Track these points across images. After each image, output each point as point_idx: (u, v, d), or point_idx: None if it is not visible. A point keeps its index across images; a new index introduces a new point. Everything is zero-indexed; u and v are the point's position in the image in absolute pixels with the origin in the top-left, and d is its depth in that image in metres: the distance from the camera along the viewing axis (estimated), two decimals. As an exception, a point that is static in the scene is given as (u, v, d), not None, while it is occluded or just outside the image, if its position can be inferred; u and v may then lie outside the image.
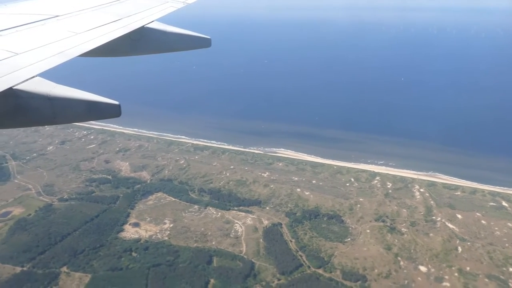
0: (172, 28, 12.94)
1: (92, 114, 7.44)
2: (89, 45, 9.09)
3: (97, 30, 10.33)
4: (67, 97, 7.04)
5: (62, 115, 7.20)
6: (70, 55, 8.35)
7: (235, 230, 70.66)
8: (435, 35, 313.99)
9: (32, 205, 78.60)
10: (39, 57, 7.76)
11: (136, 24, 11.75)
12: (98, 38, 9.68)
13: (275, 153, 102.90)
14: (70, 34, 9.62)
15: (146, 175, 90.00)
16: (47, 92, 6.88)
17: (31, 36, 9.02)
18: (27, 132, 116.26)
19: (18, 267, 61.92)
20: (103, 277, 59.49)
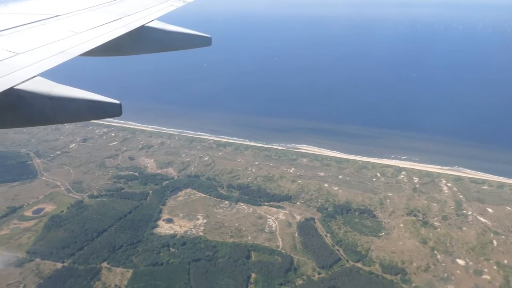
0: (172, 27, 12.92)
1: (93, 113, 7.42)
2: (89, 45, 9.09)
3: (97, 29, 10.33)
4: (68, 97, 7.03)
5: (63, 115, 7.16)
6: (71, 54, 8.33)
7: (269, 225, 71.01)
8: (442, 31, 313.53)
9: (63, 202, 78.93)
10: (40, 57, 7.77)
11: (136, 23, 11.73)
12: (98, 37, 9.68)
13: (298, 149, 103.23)
14: (71, 33, 9.59)
15: (172, 172, 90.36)
16: (48, 92, 6.88)
17: (32, 36, 9.00)
18: (47, 130, 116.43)
19: (58, 263, 62.33)
20: (144, 272, 59.88)
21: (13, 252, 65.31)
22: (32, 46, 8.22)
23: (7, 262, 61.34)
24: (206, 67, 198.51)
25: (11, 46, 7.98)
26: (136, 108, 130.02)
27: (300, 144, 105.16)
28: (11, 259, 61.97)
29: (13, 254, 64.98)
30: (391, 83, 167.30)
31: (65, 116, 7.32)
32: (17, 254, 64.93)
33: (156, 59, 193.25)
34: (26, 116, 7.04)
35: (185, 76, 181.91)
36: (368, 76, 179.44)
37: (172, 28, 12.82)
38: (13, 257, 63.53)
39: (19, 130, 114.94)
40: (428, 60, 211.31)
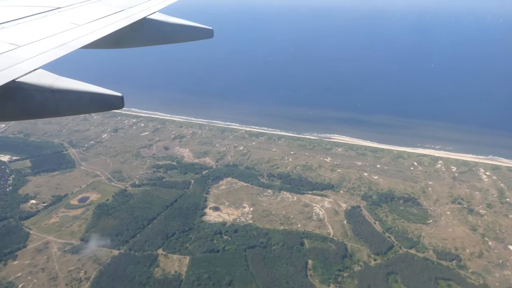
0: (174, 19, 12.71)
1: (96, 105, 7.27)
2: (91, 37, 8.99)
3: (99, 21, 10.22)
4: (70, 89, 6.92)
5: (65, 107, 7.08)
6: (72, 47, 8.23)
7: (316, 213, 71.63)
8: (452, 22, 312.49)
9: (106, 191, 79.47)
10: (42, 49, 7.69)
11: (138, 15, 11.58)
12: (100, 29, 9.57)
13: (330, 138, 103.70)
14: (72, 26, 9.49)
15: (210, 161, 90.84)
16: (50, 84, 6.78)
17: (33, 29, 8.89)
18: (76, 121, 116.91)
19: (114, 250, 62.79)
20: (202, 259, 60.53)
21: (66, 240, 65.72)
22: (33, 38, 8.16)
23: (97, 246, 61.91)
24: (222, 58, 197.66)
25: (13, 39, 7.91)
26: (161, 99, 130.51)
27: (331, 134, 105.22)
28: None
29: (67, 241, 65.34)
30: (411, 74, 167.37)
31: (68, 109, 7.23)
32: (71, 241, 65.25)
33: (170, 50, 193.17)
34: (28, 109, 6.97)
35: (204, 67, 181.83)
36: (385, 67, 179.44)
37: (174, 20, 12.68)
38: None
39: (48, 120, 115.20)
40: (442, 50, 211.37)
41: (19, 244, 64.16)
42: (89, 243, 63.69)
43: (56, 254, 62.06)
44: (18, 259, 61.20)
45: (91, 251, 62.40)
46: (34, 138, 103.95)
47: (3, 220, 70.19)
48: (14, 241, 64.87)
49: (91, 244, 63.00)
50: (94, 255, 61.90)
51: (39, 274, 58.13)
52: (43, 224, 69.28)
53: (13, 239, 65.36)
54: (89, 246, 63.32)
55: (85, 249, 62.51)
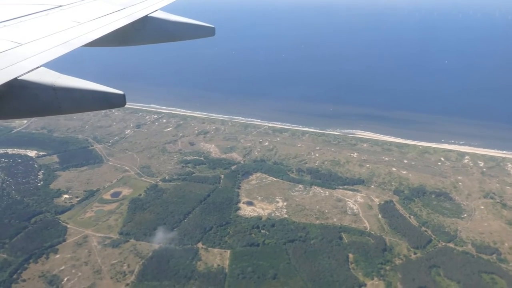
0: (176, 17, 12.76)
1: (98, 103, 7.35)
2: (93, 35, 9.00)
3: (100, 19, 10.23)
4: (71, 87, 6.96)
5: (67, 105, 7.09)
6: (74, 45, 8.25)
7: (350, 207, 72.01)
8: (460, 19, 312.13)
9: (138, 186, 79.88)
10: (43, 48, 7.69)
11: (140, 13, 11.62)
12: (102, 28, 9.58)
13: (354, 134, 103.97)
14: (74, 24, 9.49)
15: (237, 156, 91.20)
16: (52, 83, 6.80)
17: (35, 26, 8.89)
18: (98, 117, 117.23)
19: (154, 244, 63.10)
20: (243, 252, 60.94)
21: (104, 234, 66.15)
22: (35, 36, 8.16)
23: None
24: (234, 54, 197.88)
25: (15, 37, 7.91)
26: (179, 95, 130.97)
27: (354, 129, 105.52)
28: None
29: (106, 235, 65.76)
30: (425, 70, 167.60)
31: (70, 107, 7.24)
32: (110, 235, 65.67)
33: (182, 47, 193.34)
34: (30, 107, 7.01)
35: (218, 64, 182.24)
36: (399, 64, 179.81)
37: (176, 18, 12.73)
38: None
39: (69, 117, 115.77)
40: (453, 47, 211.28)
41: (59, 238, 64.58)
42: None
43: (97, 248, 62.42)
44: (59, 253, 61.57)
45: (131, 244, 62.44)
46: (58, 134, 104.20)
47: (39, 214, 70.53)
48: (53, 235, 65.28)
49: (158, 238, 63.45)
50: (135, 248, 62.13)
51: (82, 268, 58.47)
52: (79, 218, 69.68)
53: (51, 233, 65.79)
54: (128, 240, 63.37)
55: (124, 242, 62.58)
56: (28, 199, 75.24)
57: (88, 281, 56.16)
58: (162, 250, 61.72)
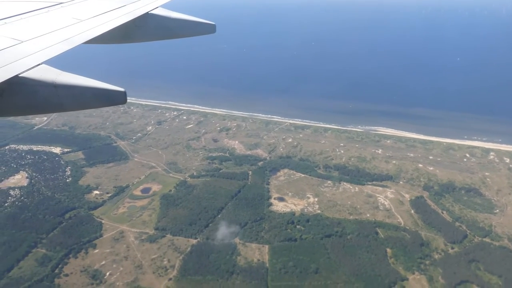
0: (177, 14, 12.66)
1: (99, 101, 7.27)
2: (93, 32, 8.97)
3: (101, 17, 10.18)
4: (73, 85, 6.93)
5: (68, 102, 7.09)
6: (75, 42, 8.22)
7: (381, 203, 72.34)
8: (467, 16, 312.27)
9: (167, 182, 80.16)
10: (44, 45, 7.64)
11: (141, 10, 11.57)
12: (102, 25, 9.53)
13: (376, 131, 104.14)
14: (75, 21, 9.44)
15: (262, 153, 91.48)
16: (53, 80, 6.79)
17: (36, 24, 8.83)
18: (117, 114, 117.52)
19: (191, 239, 63.54)
20: (281, 247, 61.30)
21: (140, 229, 66.45)
22: (36, 33, 8.11)
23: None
24: (245, 52, 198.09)
25: (16, 34, 7.88)
26: (196, 92, 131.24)
27: (376, 126, 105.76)
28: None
29: (141, 230, 66.06)
30: (438, 67, 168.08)
31: (71, 104, 7.23)
32: (145, 231, 65.97)
33: (191, 44, 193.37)
34: (31, 104, 7.00)
35: (229, 61, 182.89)
36: (411, 61, 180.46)
37: (176, 15, 12.64)
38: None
39: (89, 113, 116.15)
40: (462, 44, 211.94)
41: (95, 233, 64.89)
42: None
43: (134, 243, 62.72)
44: (98, 248, 61.89)
45: (168, 240, 62.71)
46: (80, 131, 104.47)
47: (72, 210, 70.90)
48: (90, 230, 65.60)
49: (221, 233, 64.05)
50: (172, 243, 62.46)
51: (123, 262, 58.78)
52: (112, 214, 69.97)
53: (87, 228, 66.12)
54: (164, 235, 63.66)
55: (161, 238, 62.82)
56: (59, 195, 75.45)
57: (130, 276, 56.43)
58: (200, 245, 61.69)
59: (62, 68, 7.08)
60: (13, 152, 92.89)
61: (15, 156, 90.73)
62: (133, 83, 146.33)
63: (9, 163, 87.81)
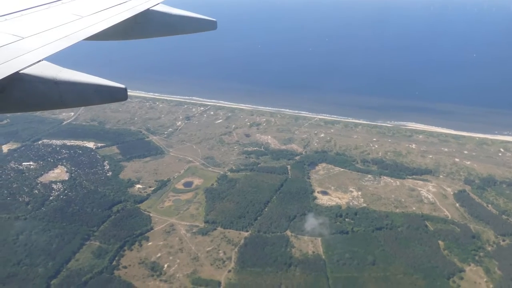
0: (177, 10, 12.63)
1: (99, 97, 7.28)
2: (94, 29, 8.97)
3: (102, 13, 10.16)
4: (73, 81, 6.93)
5: (69, 99, 7.07)
6: (76, 38, 8.20)
7: (425, 196, 72.94)
8: (476, 13, 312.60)
9: (207, 176, 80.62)
10: (45, 41, 7.64)
11: (141, 7, 11.55)
12: (103, 21, 9.51)
13: (406, 126, 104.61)
14: (75, 17, 9.45)
15: (297, 147, 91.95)
16: (54, 76, 6.78)
17: (36, 20, 8.81)
18: (144, 109, 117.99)
19: (243, 232, 64.08)
20: (334, 240, 61.92)
21: (189, 222, 66.88)
22: (37, 30, 8.11)
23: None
24: (261, 48, 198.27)
25: (16, 30, 7.88)
26: (219, 88, 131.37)
27: (406, 121, 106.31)
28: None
29: (191, 223, 66.48)
30: (457, 63, 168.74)
31: (71, 100, 7.21)
32: (195, 224, 66.41)
33: (205, 39, 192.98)
34: (32, 100, 6.98)
35: (247, 57, 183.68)
36: (427, 57, 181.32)
37: (177, 11, 12.62)
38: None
39: (115, 108, 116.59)
40: (475, 41, 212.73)
41: (146, 226, 65.37)
42: (214, 226, 64.48)
43: (186, 236, 63.23)
44: (151, 240, 62.39)
45: (219, 232, 63.11)
46: (110, 126, 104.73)
47: (118, 203, 71.31)
48: (140, 223, 66.05)
49: (309, 224, 64.87)
50: (225, 236, 62.92)
51: (179, 254, 59.26)
52: (158, 207, 70.39)
53: (137, 221, 66.59)
54: (215, 228, 64.05)
55: (212, 230, 63.26)
56: (102, 188, 75.87)
57: (189, 268, 56.92)
58: (253, 238, 62.16)
59: (62, 65, 7.13)
60: (47, 146, 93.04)
61: (50, 151, 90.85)
62: (153, 79, 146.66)
63: (46, 157, 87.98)
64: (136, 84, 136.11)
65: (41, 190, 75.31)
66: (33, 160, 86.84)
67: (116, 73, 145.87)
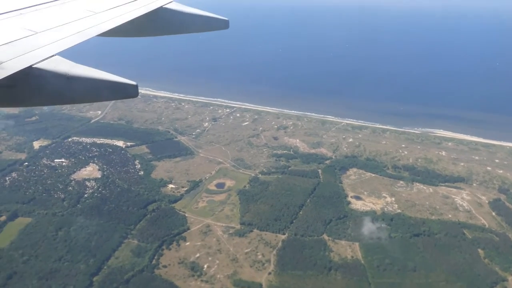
0: (190, 9, 12.56)
1: (110, 94, 7.29)
2: (107, 25, 8.97)
3: (115, 10, 10.20)
4: (85, 77, 6.94)
5: (80, 94, 7.12)
6: (89, 34, 8.22)
7: (460, 204, 72.48)
8: (495, 23, 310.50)
9: (239, 178, 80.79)
10: (58, 36, 7.66)
11: (155, 4, 11.54)
12: (116, 18, 9.53)
13: (433, 133, 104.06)
14: (89, 13, 9.51)
15: (326, 152, 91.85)
16: (66, 71, 6.81)
17: (51, 15, 8.90)
18: (170, 109, 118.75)
19: (280, 234, 64.08)
20: (372, 245, 61.79)
21: (225, 223, 67.03)
22: (50, 25, 8.15)
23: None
24: (282, 53, 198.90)
25: (30, 25, 7.92)
26: (245, 90, 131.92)
27: (433, 128, 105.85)
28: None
29: (227, 224, 66.62)
30: (480, 72, 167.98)
31: (83, 96, 7.31)
32: (231, 225, 66.53)
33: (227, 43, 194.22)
34: (44, 95, 6.98)
35: (269, 61, 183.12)
36: (449, 65, 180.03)
37: (190, 10, 12.54)
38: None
39: (142, 108, 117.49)
40: (495, 50, 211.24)
41: (183, 226, 65.64)
42: (250, 228, 64.92)
43: (223, 237, 63.24)
44: (188, 240, 62.64)
45: (256, 234, 63.16)
46: (138, 125, 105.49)
47: (153, 202, 71.55)
48: (176, 223, 66.40)
49: (366, 228, 65.22)
50: (261, 238, 62.98)
51: (217, 255, 59.37)
52: (193, 207, 70.66)
53: (173, 221, 66.94)
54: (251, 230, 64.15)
55: (249, 232, 63.40)
56: (136, 187, 76.36)
57: (228, 269, 57.03)
58: (291, 241, 62.14)
59: (75, 60, 7.15)
60: (77, 144, 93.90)
61: (80, 149, 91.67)
62: (177, 80, 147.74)
63: (77, 155, 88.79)
64: (160, 85, 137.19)
65: (75, 187, 75.90)
66: (65, 157, 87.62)
67: (140, 72, 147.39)
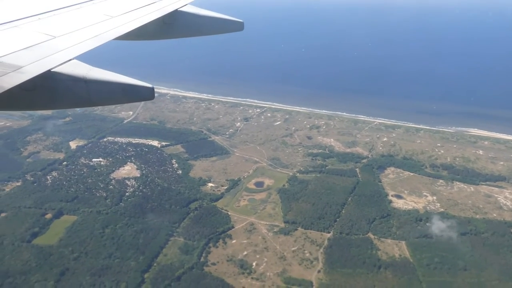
0: (205, 11, 12.66)
1: (127, 96, 7.46)
2: (124, 29, 9.12)
3: (132, 13, 10.34)
4: (102, 80, 7.06)
5: (97, 98, 7.23)
6: (106, 38, 8.34)
7: (503, 203, 71.64)
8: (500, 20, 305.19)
9: (277, 177, 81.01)
10: (76, 40, 7.81)
11: (170, 7, 11.66)
12: (132, 21, 9.68)
13: (468, 132, 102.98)
14: (106, 17, 9.65)
15: (362, 151, 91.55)
16: (84, 75, 6.93)
17: (68, 20, 9.06)
18: (201, 110, 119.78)
19: (324, 233, 64.27)
20: (419, 244, 61.56)
21: (269, 221, 67.33)
22: (68, 29, 8.30)
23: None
24: (305, 52, 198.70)
25: (49, 30, 8.06)
26: (273, 90, 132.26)
27: (466, 127, 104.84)
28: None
29: (271, 223, 66.90)
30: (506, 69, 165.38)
31: (100, 99, 7.37)
32: (275, 223, 66.81)
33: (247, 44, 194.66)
34: (62, 98, 7.15)
35: (293, 61, 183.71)
36: (475, 63, 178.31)
37: (205, 12, 12.64)
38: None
39: (172, 109, 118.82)
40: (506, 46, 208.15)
41: (227, 224, 66.03)
42: (295, 226, 64.98)
43: (269, 235, 63.54)
44: (234, 238, 63.00)
45: (301, 233, 63.35)
46: (171, 125, 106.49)
47: (194, 201, 72.18)
48: (220, 221, 66.89)
49: (436, 227, 64.95)
50: (307, 236, 63.16)
51: (265, 253, 59.70)
52: (235, 206, 71.12)
53: (217, 219, 67.49)
54: (296, 228, 64.34)
55: (294, 231, 63.56)
56: (176, 186, 77.18)
57: (277, 267, 57.32)
58: (337, 239, 62.21)
59: (92, 64, 7.29)
60: (113, 144, 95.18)
61: (117, 148, 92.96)
62: (204, 80, 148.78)
63: (114, 154, 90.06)
64: (189, 86, 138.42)
65: (116, 186, 77.02)
66: (102, 157, 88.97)
67: (168, 74, 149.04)
